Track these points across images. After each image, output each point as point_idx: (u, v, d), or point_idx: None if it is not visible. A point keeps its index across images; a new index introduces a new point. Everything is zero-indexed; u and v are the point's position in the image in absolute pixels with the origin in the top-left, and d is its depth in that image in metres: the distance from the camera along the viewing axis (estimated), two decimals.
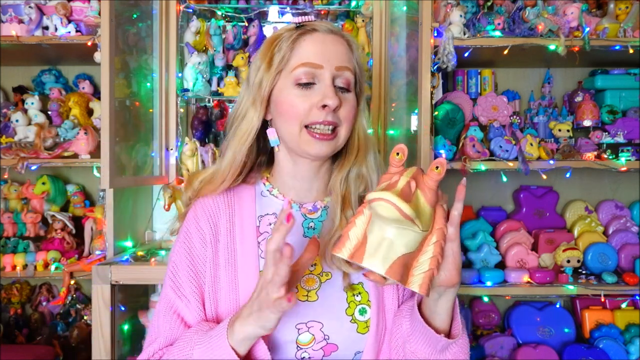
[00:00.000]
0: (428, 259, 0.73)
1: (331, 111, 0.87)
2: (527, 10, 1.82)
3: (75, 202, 2.10)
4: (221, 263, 0.91)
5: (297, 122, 0.88)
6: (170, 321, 0.89)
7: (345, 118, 0.90)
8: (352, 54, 0.93)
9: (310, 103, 0.88)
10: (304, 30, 0.90)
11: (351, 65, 0.91)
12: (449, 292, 0.81)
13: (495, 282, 1.79)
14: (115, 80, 1.58)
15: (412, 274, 0.73)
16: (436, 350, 0.84)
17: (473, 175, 1.82)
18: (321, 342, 0.87)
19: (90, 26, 1.87)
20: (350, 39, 0.94)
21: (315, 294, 0.89)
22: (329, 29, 0.92)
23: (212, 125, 1.97)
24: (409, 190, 0.71)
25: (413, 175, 0.74)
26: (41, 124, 1.98)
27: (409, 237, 0.71)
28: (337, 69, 0.89)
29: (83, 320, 1.99)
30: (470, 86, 2.05)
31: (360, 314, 0.90)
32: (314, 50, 0.89)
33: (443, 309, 0.83)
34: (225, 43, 1.94)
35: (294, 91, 0.89)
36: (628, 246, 1.91)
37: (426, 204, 0.73)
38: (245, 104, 0.94)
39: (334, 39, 0.91)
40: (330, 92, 0.87)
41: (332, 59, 0.89)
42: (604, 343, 1.86)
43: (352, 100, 0.92)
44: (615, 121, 1.92)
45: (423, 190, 0.73)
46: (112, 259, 1.64)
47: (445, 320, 0.84)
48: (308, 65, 0.88)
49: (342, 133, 0.90)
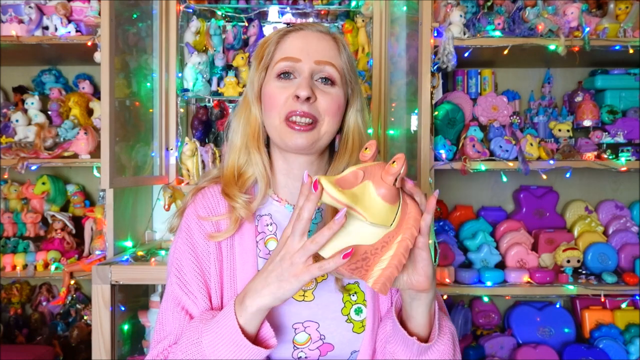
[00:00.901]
0: (389, 257, 0.72)
1: (305, 102, 0.88)
2: (527, 10, 1.82)
3: (75, 202, 2.10)
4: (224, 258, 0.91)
5: (277, 113, 0.90)
6: (179, 318, 0.88)
7: (325, 111, 0.90)
8: (339, 52, 0.93)
9: (287, 94, 0.89)
10: (291, 29, 0.94)
11: (336, 62, 0.91)
12: (421, 297, 0.81)
13: (495, 282, 1.79)
14: (115, 80, 1.58)
15: (372, 269, 0.73)
16: (412, 353, 0.84)
17: (473, 175, 1.83)
18: (317, 341, 0.88)
19: (90, 26, 1.87)
20: (338, 39, 0.95)
21: (311, 294, 0.90)
22: (316, 29, 0.94)
23: (212, 125, 1.97)
24: (352, 179, 0.71)
25: (368, 167, 0.73)
26: (41, 124, 1.98)
27: (362, 229, 0.72)
28: (316, 63, 0.90)
29: (83, 320, 1.99)
30: (470, 86, 2.05)
31: (356, 314, 0.90)
32: (296, 46, 0.91)
33: (418, 313, 0.82)
34: (225, 43, 1.94)
35: (275, 83, 0.91)
36: (628, 246, 1.91)
37: (378, 198, 0.71)
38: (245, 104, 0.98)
39: (319, 37, 0.93)
40: (304, 83, 0.88)
41: (312, 53, 0.90)
42: (604, 343, 1.86)
43: (336, 95, 0.91)
44: (615, 121, 1.92)
45: (377, 183, 0.71)
46: (112, 259, 1.63)
47: (422, 324, 0.83)
48: (288, 59, 0.90)
49: (322, 126, 0.90)
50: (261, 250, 0.92)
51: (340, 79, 0.92)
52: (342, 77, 0.93)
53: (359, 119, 0.97)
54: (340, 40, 0.95)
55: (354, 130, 0.96)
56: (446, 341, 0.85)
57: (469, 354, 1.90)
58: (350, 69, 0.95)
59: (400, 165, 0.70)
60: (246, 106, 0.97)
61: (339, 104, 0.92)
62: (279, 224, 0.94)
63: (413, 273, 0.78)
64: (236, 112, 0.99)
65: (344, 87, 0.93)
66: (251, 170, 0.94)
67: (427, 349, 0.83)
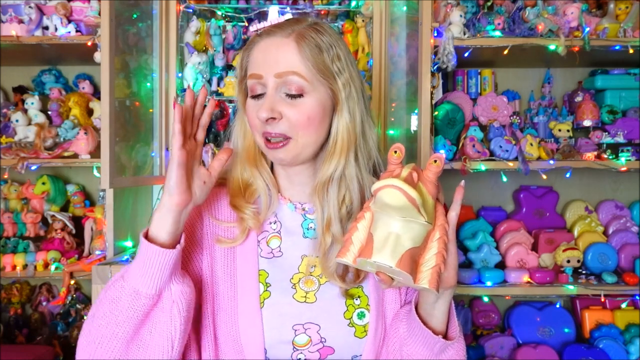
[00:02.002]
0: (434, 255, 0.73)
1: (271, 122, 0.84)
2: (527, 10, 1.82)
3: (75, 202, 2.10)
4: (218, 257, 0.90)
5: (256, 132, 0.88)
6: None
7: (295, 126, 0.84)
8: (301, 54, 0.84)
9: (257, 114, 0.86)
10: (254, 38, 0.89)
11: (299, 68, 0.84)
12: (446, 294, 0.82)
13: (495, 282, 1.79)
14: (115, 80, 1.58)
15: (420, 271, 0.73)
16: (433, 352, 0.84)
17: (473, 175, 1.82)
18: (318, 344, 0.87)
19: (90, 26, 1.87)
20: (305, 38, 0.85)
21: (313, 296, 0.89)
22: (275, 34, 0.86)
23: (212, 125, 1.97)
24: (412, 180, 0.72)
25: (413, 167, 0.75)
26: (41, 124, 1.98)
27: (414, 230, 0.71)
28: (277, 76, 0.84)
29: (83, 320, 1.98)
30: (470, 86, 2.05)
31: (359, 318, 0.89)
32: (257, 60, 0.87)
33: (440, 311, 0.83)
34: (225, 43, 1.94)
35: (249, 102, 0.89)
36: (628, 246, 1.91)
37: (428, 196, 0.73)
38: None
39: (278, 43, 0.85)
40: (265, 104, 0.84)
41: (271, 65, 0.84)
42: (604, 343, 1.86)
43: (306, 105, 0.84)
44: (615, 121, 1.92)
45: (424, 182, 0.74)
46: (112, 259, 1.63)
47: (442, 322, 0.84)
48: (252, 76, 0.87)
49: (298, 140, 0.85)
50: (263, 250, 0.92)
51: (309, 85, 0.84)
52: (312, 81, 0.84)
53: (346, 118, 0.87)
54: (308, 38, 0.85)
55: (343, 132, 0.87)
56: (462, 339, 0.86)
57: (469, 354, 1.90)
58: (322, 70, 0.85)
59: (442, 164, 0.73)
60: (240, 117, 0.95)
61: (308, 115, 0.84)
62: (282, 222, 0.94)
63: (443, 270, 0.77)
64: (235, 120, 0.98)
65: (319, 91, 0.86)
66: (255, 184, 0.93)
67: (449, 346, 0.83)
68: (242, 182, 0.94)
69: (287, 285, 0.89)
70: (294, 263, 0.91)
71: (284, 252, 0.92)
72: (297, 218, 0.94)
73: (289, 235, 0.93)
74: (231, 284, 0.89)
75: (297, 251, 0.92)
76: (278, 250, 0.92)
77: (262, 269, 0.90)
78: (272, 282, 0.89)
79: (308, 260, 0.91)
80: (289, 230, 0.93)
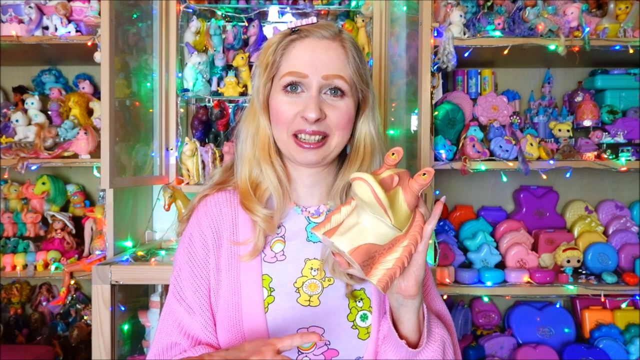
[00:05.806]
0: (394, 259, 0.75)
1: (314, 122, 0.86)
2: (527, 10, 1.82)
3: (75, 202, 2.10)
4: (223, 267, 0.91)
5: (285, 128, 0.89)
6: (168, 329, 0.90)
7: (336, 126, 0.88)
8: (347, 61, 0.89)
9: (296, 110, 0.87)
10: (297, 36, 0.89)
11: (345, 73, 0.88)
12: (407, 304, 0.81)
13: (495, 282, 1.79)
14: (115, 80, 1.58)
15: (376, 268, 0.75)
16: (401, 355, 0.84)
17: (473, 175, 1.83)
18: (322, 347, 0.88)
19: (90, 26, 1.87)
20: (347, 42, 0.90)
21: (317, 299, 0.89)
22: (322, 35, 0.88)
23: (212, 125, 1.97)
24: (389, 182, 0.75)
25: (399, 172, 0.77)
26: (41, 124, 1.98)
27: (380, 229, 0.75)
28: (324, 78, 0.87)
29: (83, 320, 1.99)
30: (470, 86, 2.05)
31: (362, 320, 0.90)
32: (302, 59, 0.88)
33: (406, 319, 0.83)
34: (225, 43, 1.94)
35: (282, 97, 0.89)
36: (628, 246, 1.91)
37: (404, 204, 0.76)
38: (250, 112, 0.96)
39: (327, 45, 0.88)
40: (312, 103, 0.86)
41: (320, 67, 0.87)
42: (604, 343, 1.86)
43: (346, 106, 0.89)
44: (615, 121, 1.92)
45: (405, 190, 0.76)
46: (112, 259, 1.63)
47: (413, 330, 0.84)
48: (294, 74, 0.87)
49: (333, 141, 0.89)
50: (266, 254, 0.92)
51: (350, 89, 0.89)
52: (352, 86, 0.90)
53: (371, 124, 0.94)
54: (349, 43, 0.91)
55: (366, 137, 0.94)
56: (436, 348, 0.85)
57: (469, 354, 1.90)
58: (360, 76, 0.91)
59: (430, 178, 0.75)
60: (254, 115, 0.95)
61: (349, 116, 0.90)
62: (286, 226, 0.94)
63: (403, 278, 0.79)
64: (244, 119, 0.97)
65: (354, 96, 0.91)
66: (265, 183, 0.93)
67: (416, 354, 0.83)
68: (251, 182, 0.93)
69: (291, 289, 0.89)
70: (297, 267, 0.91)
71: (287, 255, 0.92)
72: (302, 221, 0.95)
73: (293, 239, 0.93)
74: (235, 290, 0.89)
75: (301, 255, 0.92)
76: (281, 254, 0.92)
77: (266, 274, 0.90)
78: (275, 286, 0.89)
79: (311, 264, 0.91)
80: (293, 234, 0.93)
